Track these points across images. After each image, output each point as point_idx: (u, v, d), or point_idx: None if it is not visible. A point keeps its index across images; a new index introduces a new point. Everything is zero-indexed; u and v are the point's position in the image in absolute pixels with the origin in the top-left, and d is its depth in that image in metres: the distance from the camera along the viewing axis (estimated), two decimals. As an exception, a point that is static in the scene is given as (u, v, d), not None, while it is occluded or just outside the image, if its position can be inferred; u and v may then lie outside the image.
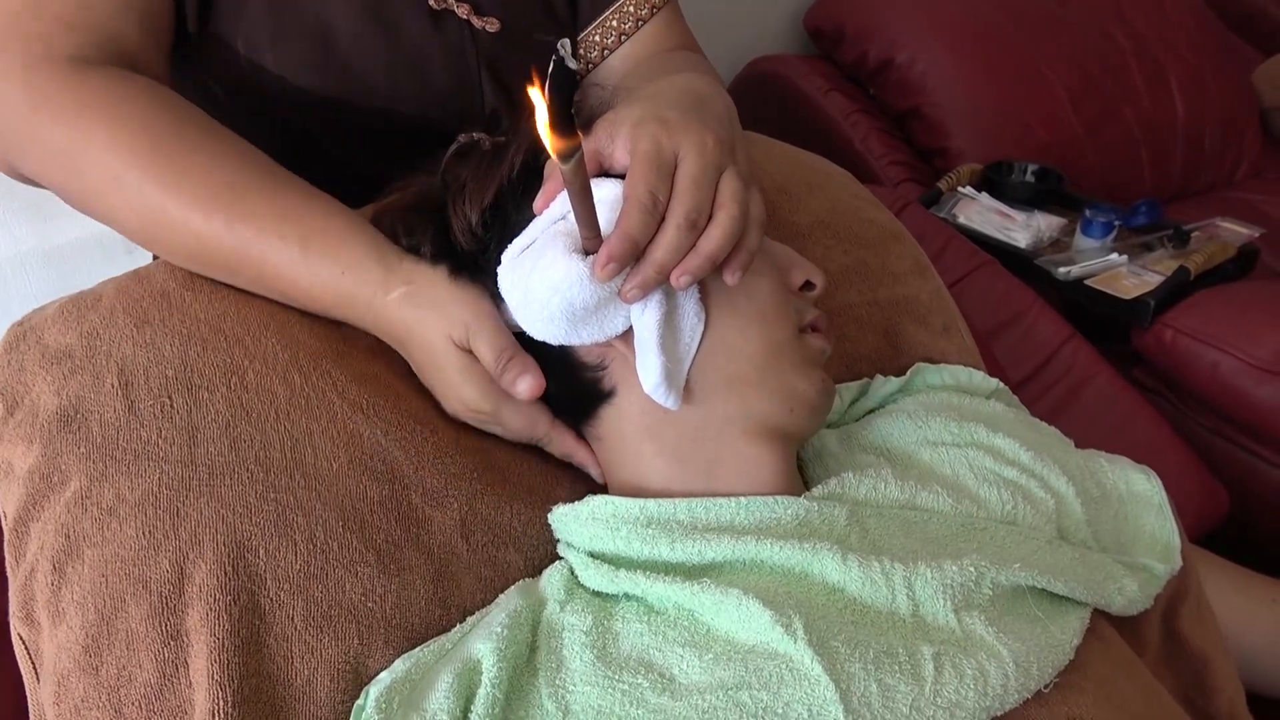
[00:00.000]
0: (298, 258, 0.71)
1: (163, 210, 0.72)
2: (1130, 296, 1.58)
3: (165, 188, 0.71)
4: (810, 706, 0.56)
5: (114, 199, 0.73)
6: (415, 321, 0.71)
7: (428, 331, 0.71)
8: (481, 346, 0.70)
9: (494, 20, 0.93)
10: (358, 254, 0.72)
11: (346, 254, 0.72)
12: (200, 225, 0.71)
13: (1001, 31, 2.06)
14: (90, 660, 0.63)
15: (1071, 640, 0.64)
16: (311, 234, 0.72)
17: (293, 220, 0.72)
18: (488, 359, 0.70)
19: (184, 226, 0.72)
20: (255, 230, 0.71)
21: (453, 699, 0.58)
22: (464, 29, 0.93)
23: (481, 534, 0.72)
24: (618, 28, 1.00)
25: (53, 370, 0.71)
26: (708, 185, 0.65)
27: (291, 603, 0.64)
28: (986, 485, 0.73)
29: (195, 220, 0.71)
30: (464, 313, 0.70)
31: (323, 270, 0.72)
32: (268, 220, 0.71)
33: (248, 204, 0.71)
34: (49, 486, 0.68)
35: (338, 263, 0.72)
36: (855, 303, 0.96)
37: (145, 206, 0.72)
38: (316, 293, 0.73)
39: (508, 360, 0.70)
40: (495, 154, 0.73)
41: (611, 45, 1.01)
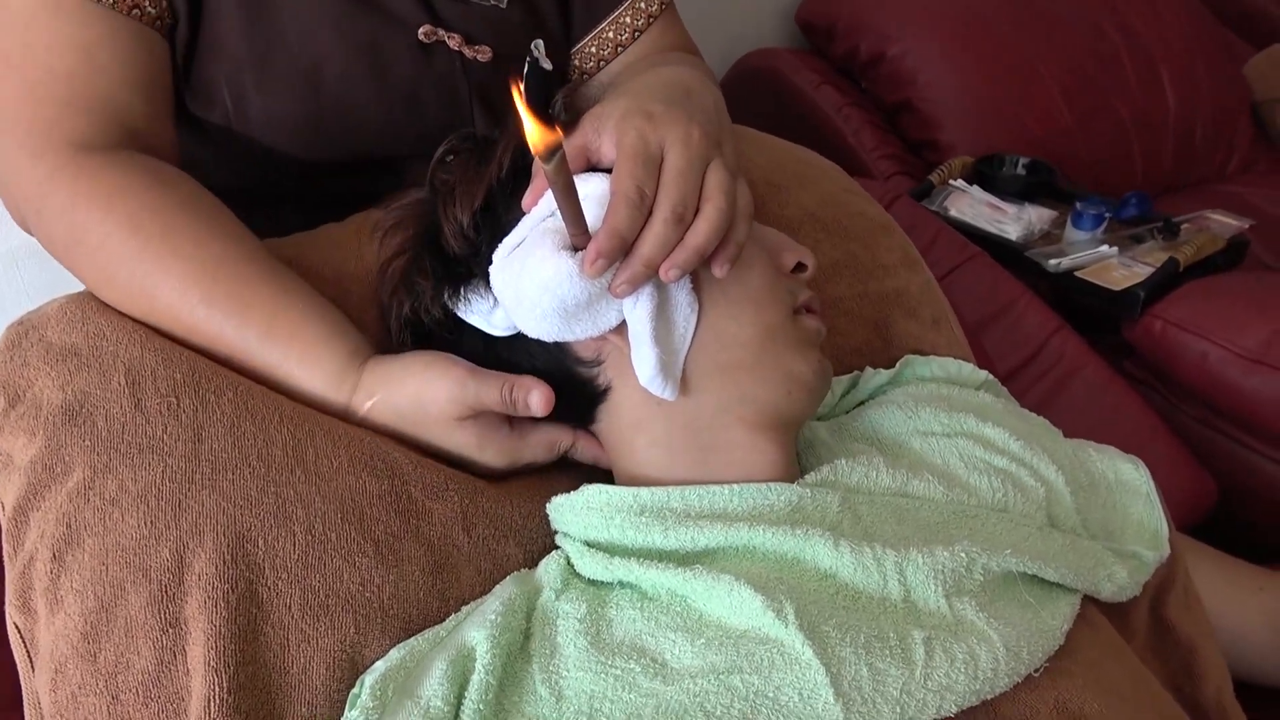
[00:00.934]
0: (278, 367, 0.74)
1: (150, 300, 0.74)
2: (1120, 288, 1.58)
3: (152, 281, 0.73)
4: (801, 690, 0.56)
5: (108, 291, 0.75)
6: (406, 425, 0.73)
7: (426, 432, 0.73)
8: (481, 397, 0.70)
9: (486, 49, 0.92)
10: (334, 367, 0.74)
11: (324, 366, 0.73)
12: (184, 313, 0.73)
13: (993, 25, 2.06)
14: (88, 647, 0.64)
15: (1061, 626, 0.65)
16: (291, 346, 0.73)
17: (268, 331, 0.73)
18: (492, 400, 0.70)
19: (170, 315, 0.73)
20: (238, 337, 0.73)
21: (447, 685, 0.58)
22: (455, 60, 0.92)
23: (483, 526, 0.72)
24: (614, 39, 1.00)
25: (57, 367, 0.71)
26: (694, 178, 0.65)
27: (289, 592, 0.65)
28: (977, 473, 0.73)
29: (180, 309, 0.73)
30: (445, 383, 0.71)
31: (302, 380, 0.74)
32: (250, 328, 0.73)
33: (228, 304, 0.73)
34: (51, 477, 0.68)
35: (319, 376, 0.73)
36: (845, 295, 0.97)
37: (135, 298, 0.74)
38: (293, 385, 0.74)
39: (510, 390, 0.70)
40: (483, 156, 0.73)
41: (608, 56, 1.00)
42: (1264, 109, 2.35)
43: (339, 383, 0.73)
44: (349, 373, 0.74)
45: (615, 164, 0.65)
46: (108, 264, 0.73)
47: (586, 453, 0.76)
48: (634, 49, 1.00)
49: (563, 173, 0.59)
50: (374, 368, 0.74)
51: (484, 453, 0.73)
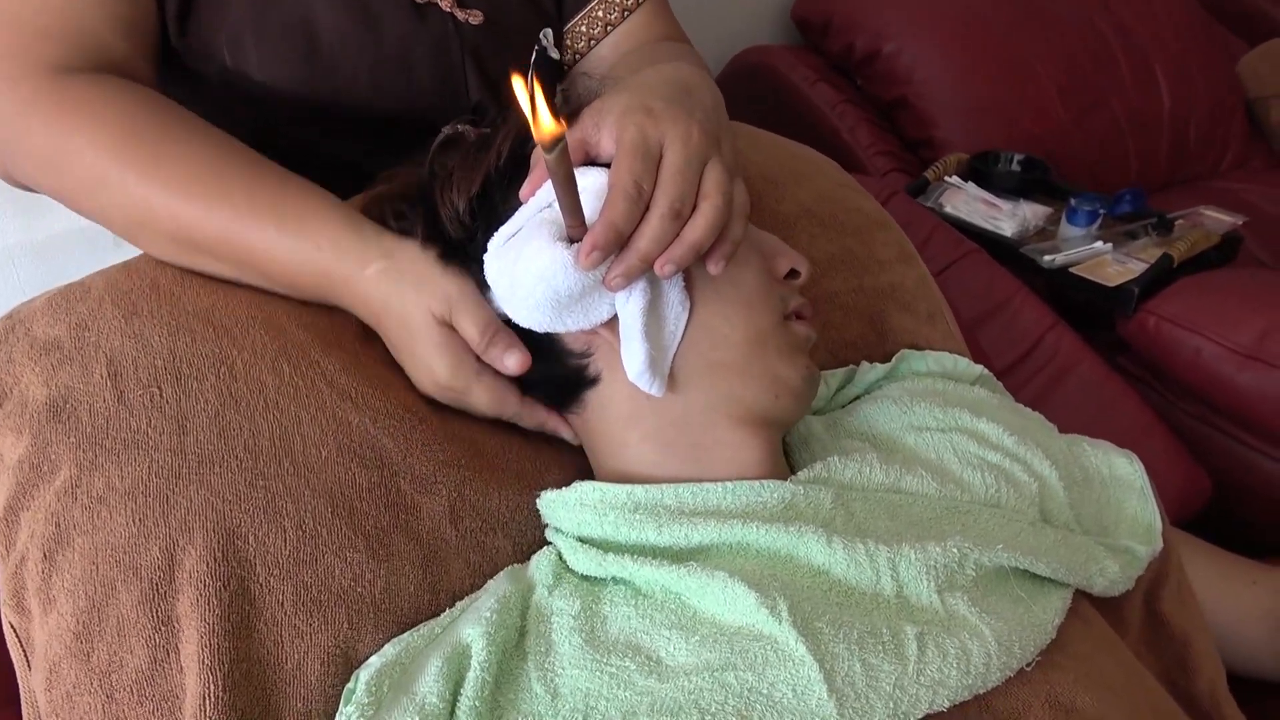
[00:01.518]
0: (275, 236, 0.73)
1: (146, 201, 0.73)
2: (1114, 284, 1.59)
3: (147, 180, 0.72)
4: (795, 686, 0.56)
5: (100, 197, 0.74)
6: (393, 296, 0.72)
7: (406, 305, 0.72)
8: (465, 321, 0.70)
9: (477, 13, 0.93)
10: (334, 230, 0.73)
11: (323, 230, 0.73)
12: (182, 211, 0.72)
13: (988, 22, 2.06)
14: (81, 646, 0.64)
15: (1053, 620, 0.65)
16: (288, 213, 0.73)
17: (270, 201, 0.73)
18: (472, 334, 0.70)
19: (167, 214, 0.73)
20: (233, 212, 0.72)
21: (442, 682, 0.58)
22: (448, 22, 0.92)
23: (470, 520, 0.72)
24: (603, 18, 1.00)
25: (41, 361, 0.71)
26: (692, 175, 0.65)
27: (281, 588, 0.65)
28: (970, 469, 0.74)
29: (177, 207, 0.72)
30: (449, 288, 0.71)
31: (300, 247, 0.73)
32: (246, 202, 0.72)
33: (226, 188, 0.73)
34: (39, 476, 0.68)
35: (314, 239, 0.72)
36: (841, 290, 0.97)
37: (129, 200, 0.73)
38: (294, 270, 0.74)
39: (493, 334, 0.70)
40: (482, 143, 0.73)
41: (598, 36, 1.01)
42: (1258, 106, 2.35)
43: (358, 230, 0.73)
44: (366, 227, 0.73)
45: (615, 158, 0.65)
46: (96, 170, 0.73)
47: (531, 421, 0.75)
48: (623, 29, 1.01)
49: (564, 164, 0.59)
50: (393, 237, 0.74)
51: (434, 361, 0.72)
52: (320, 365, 0.74)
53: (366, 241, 0.73)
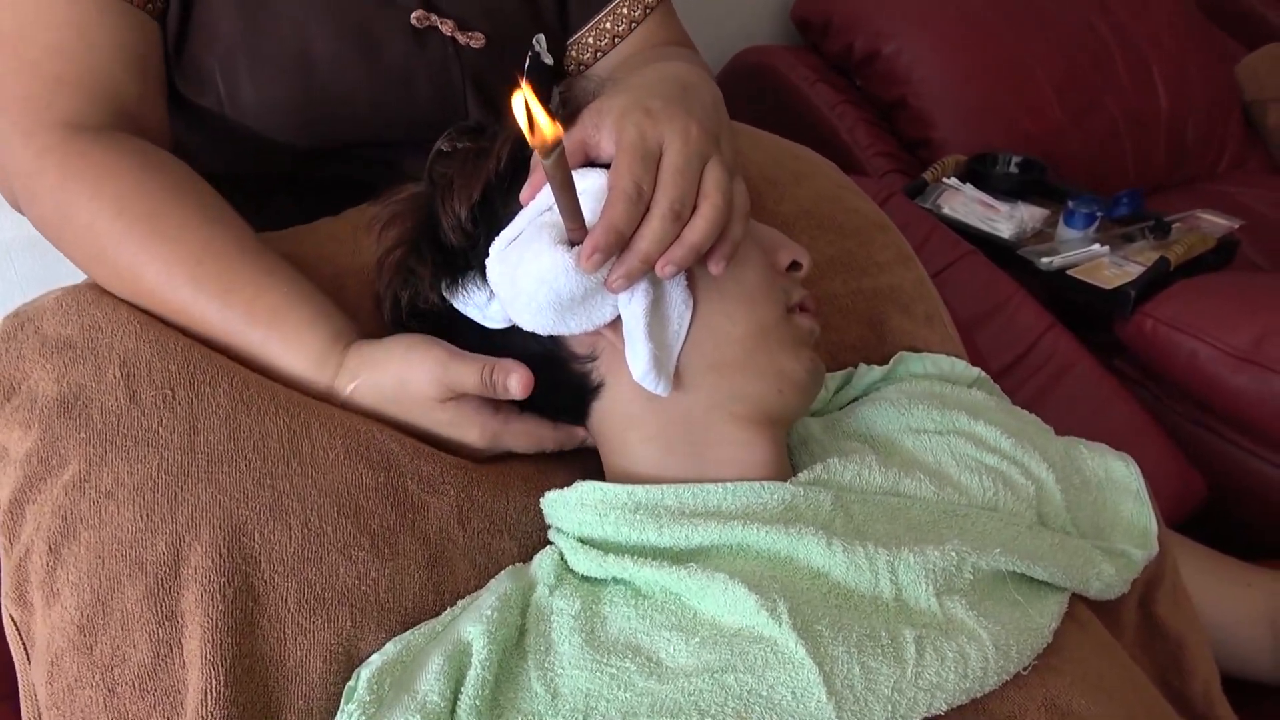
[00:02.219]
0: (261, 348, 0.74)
1: (135, 283, 0.74)
2: (1111, 286, 1.59)
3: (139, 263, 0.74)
4: (794, 689, 0.57)
5: (97, 271, 0.76)
6: (388, 406, 0.74)
7: (408, 413, 0.73)
8: (461, 379, 0.71)
9: (479, 35, 0.92)
10: (317, 348, 0.74)
11: (307, 348, 0.74)
12: (170, 294, 0.74)
13: (987, 23, 2.06)
14: (85, 640, 0.64)
15: (1050, 624, 0.65)
16: (274, 328, 0.74)
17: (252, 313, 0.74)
18: (472, 384, 0.70)
19: (157, 298, 0.74)
20: (221, 319, 0.74)
21: (443, 681, 0.58)
22: (448, 46, 0.92)
23: (478, 520, 0.72)
24: (610, 29, 1.00)
25: (53, 359, 0.71)
26: (692, 175, 0.65)
27: (285, 585, 0.65)
28: (968, 472, 0.74)
29: (166, 292, 0.74)
30: (427, 365, 0.71)
31: (285, 362, 0.74)
32: (233, 309, 0.74)
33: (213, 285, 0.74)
34: (47, 470, 0.68)
35: (302, 358, 0.74)
36: (839, 292, 0.97)
37: (122, 280, 0.75)
38: (279, 369, 0.75)
39: (490, 372, 0.70)
40: (481, 150, 0.73)
41: (605, 47, 1.00)
42: (1255, 109, 2.35)
43: (322, 364, 0.74)
44: (332, 355, 0.74)
45: (614, 160, 0.65)
46: (95, 244, 0.74)
47: (572, 444, 0.76)
48: (630, 40, 1.00)
49: (561, 167, 0.59)
50: (357, 351, 0.74)
51: (464, 433, 0.73)
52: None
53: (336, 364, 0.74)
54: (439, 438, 0.74)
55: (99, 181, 0.74)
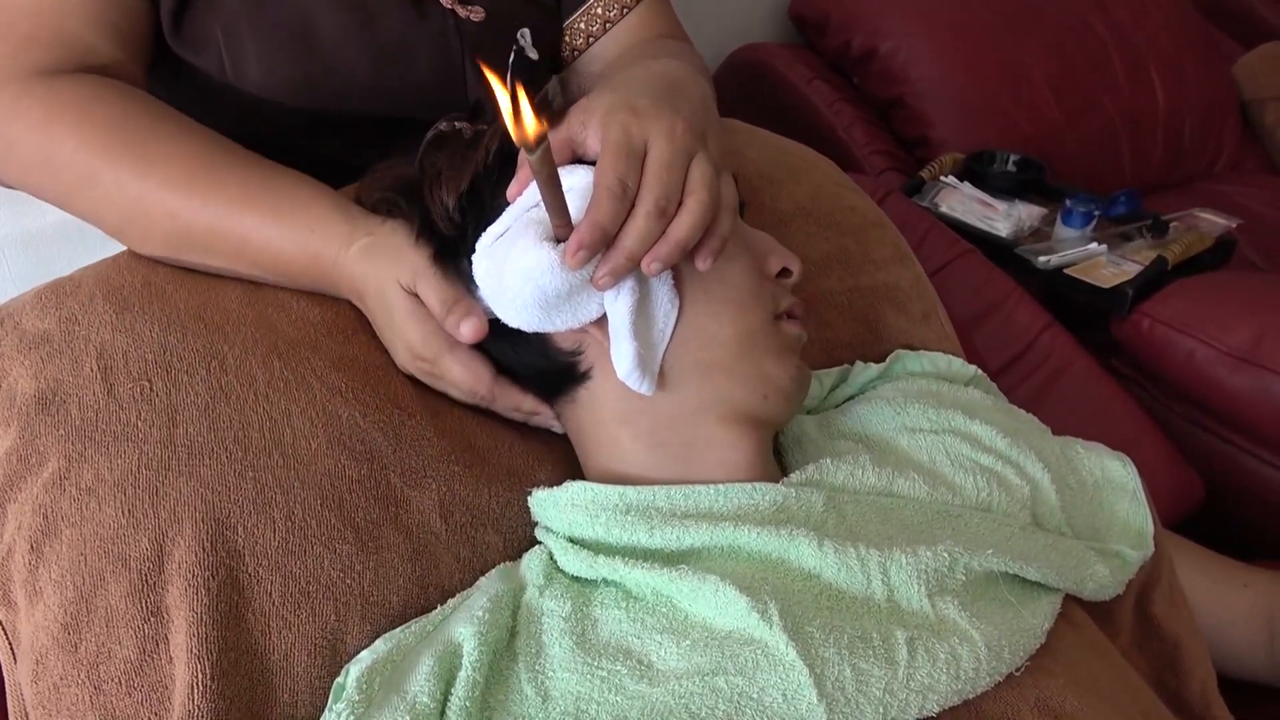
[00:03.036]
0: (269, 223, 0.74)
1: (139, 197, 0.74)
2: (1109, 286, 1.59)
3: (139, 176, 0.73)
4: (785, 691, 0.56)
5: (92, 195, 0.75)
6: (371, 270, 0.73)
7: (382, 278, 0.73)
8: (428, 292, 0.71)
9: (479, 9, 0.92)
10: (324, 213, 0.74)
11: (314, 214, 0.74)
12: (176, 204, 0.74)
13: (984, 22, 2.07)
14: (69, 638, 0.64)
15: (1043, 625, 0.65)
16: (281, 201, 0.74)
17: (262, 190, 0.75)
18: (433, 303, 0.71)
19: (161, 208, 0.74)
20: (227, 202, 0.74)
21: (433, 681, 0.58)
22: (448, 19, 0.92)
23: (460, 514, 0.72)
24: (602, 15, 1.00)
25: (30, 355, 0.71)
26: (677, 171, 0.65)
27: (270, 579, 0.65)
28: (962, 472, 0.74)
29: (171, 201, 0.74)
30: (416, 260, 0.72)
31: (292, 232, 0.74)
32: (239, 193, 0.74)
33: (219, 180, 0.74)
34: (26, 468, 0.68)
35: (306, 222, 0.74)
36: (836, 290, 0.97)
37: (122, 197, 0.74)
38: (288, 255, 0.75)
39: (453, 304, 0.70)
40: (472, 141, 0.73)
41: (596, 33, 1.00)
42: (1253, 108, 2.35)
43: (349, 215, 0.75)
44: (355, 210, 0.75)
45: (599, 157, 0.65)
46: (87, 170, 0.74)
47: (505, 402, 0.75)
48: (622, 27, 1.00)
49: (547, 164, 0.58)
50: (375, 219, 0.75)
51: (410, 329, 0.73)
52: (310, 361, 0.74)
53: (354, 223, 0.74)
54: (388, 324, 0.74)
55: (82, 111, 0.74)
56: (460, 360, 0.73)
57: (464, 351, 0.73)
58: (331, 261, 0.74)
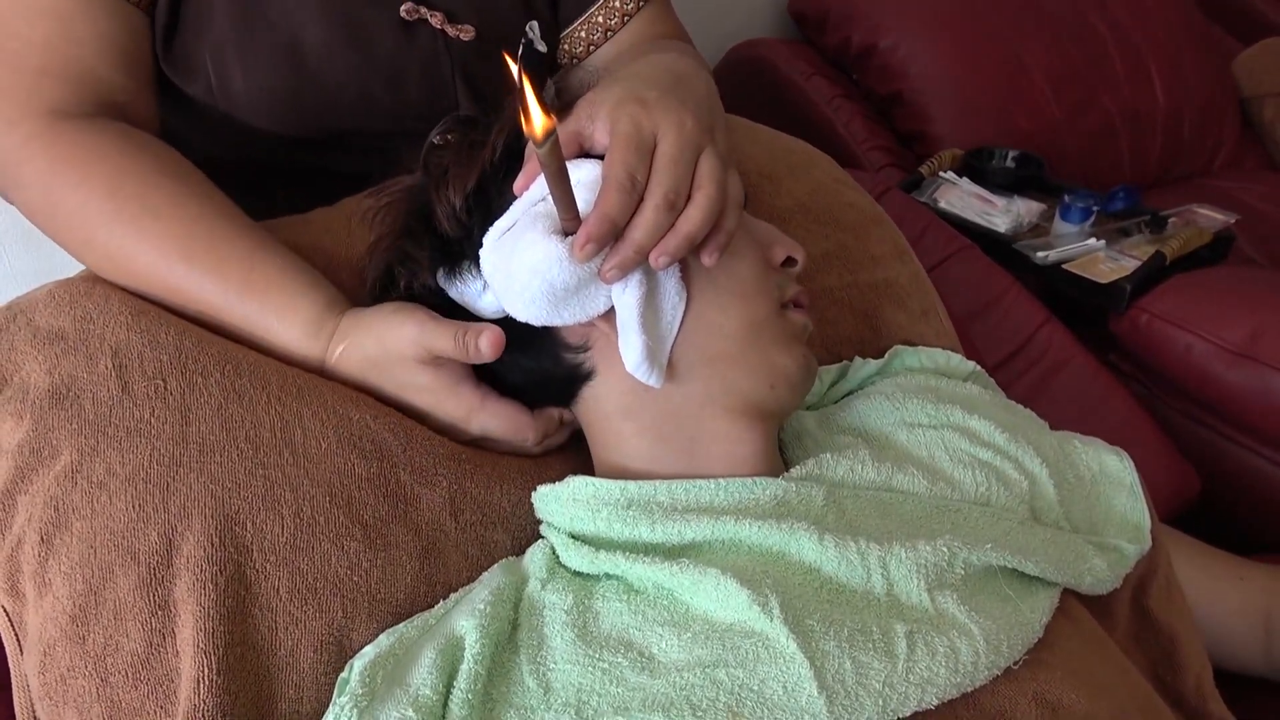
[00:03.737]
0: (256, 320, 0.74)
1: (129, 264, 0.75)
2: (1107, 281, 1.59)
3: (132, 243, 0.74)
4: (785, 683, 0.57)
5: (89, 255, 0.76)
6: (371, 369, 0.74)
7: (390, 373, 0.73)
8: (436, 340, 0.70)
9: (469, 28, 0.92)
10: (311, 316, 0.74)
11: (301, 316, 0.74)
12: (174, 281, 0.74)
13: (983, 18, 2.07)
14: (77, 630, 0.64)
15: (1041, 619, 0.66)
16: (269, 298, 0.74)
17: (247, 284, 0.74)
18: (447, 346, 0.70)
19: (162, 284, 0.75)
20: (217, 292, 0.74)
21: (436, 674, 0.58)
22: (438, 39, 0.92)
23: (470, 513, 0.72)
24: (604, 23, 0.99)
25: (44, 351, 0.71)
26: (686, 165, 0.65)
27: (277, 574, 0.65)
28: (961, 467, 0.74)
29: (160, 271, 0.74)
30: (408, 327, 0.71)
31: (279, 333, 0.74)
32: (228, 282, 0.74)
33: (206, 260, 0.74)
34: (39, 460, 0.68)
35: (296, 327, 0.74)
36: (835, 286, 0.97)
37: (115, 262, 0.75)
38: (278, 349, 0.75)
39: (463, 334, 0.70)
40: (477, 140, 0.73)
41: (598, 41, 1.00)
42: (1251, 105, 2.36)
43: (316, 332, 0.74)
44: (326, 321, 0.74)
45: (608, 150, 0.65)
46: (86, 227, 0.74)
47: (554, 439, 0.76)
48: (623, 34, 1.00)
49: (556, 157, 0.59)
50: (349, 317, 0.75)
51: (442, 400, 0.73)
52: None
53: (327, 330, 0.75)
54: (419, 408, 0.74)
55: (87, 165, 0.74)
56: (495, 414, 0.74)
57: (495, 404, 0.74)
58: (320, 366, 0.75)
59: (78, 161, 0.74)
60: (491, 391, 0.74)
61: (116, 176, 0.74)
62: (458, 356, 0.71)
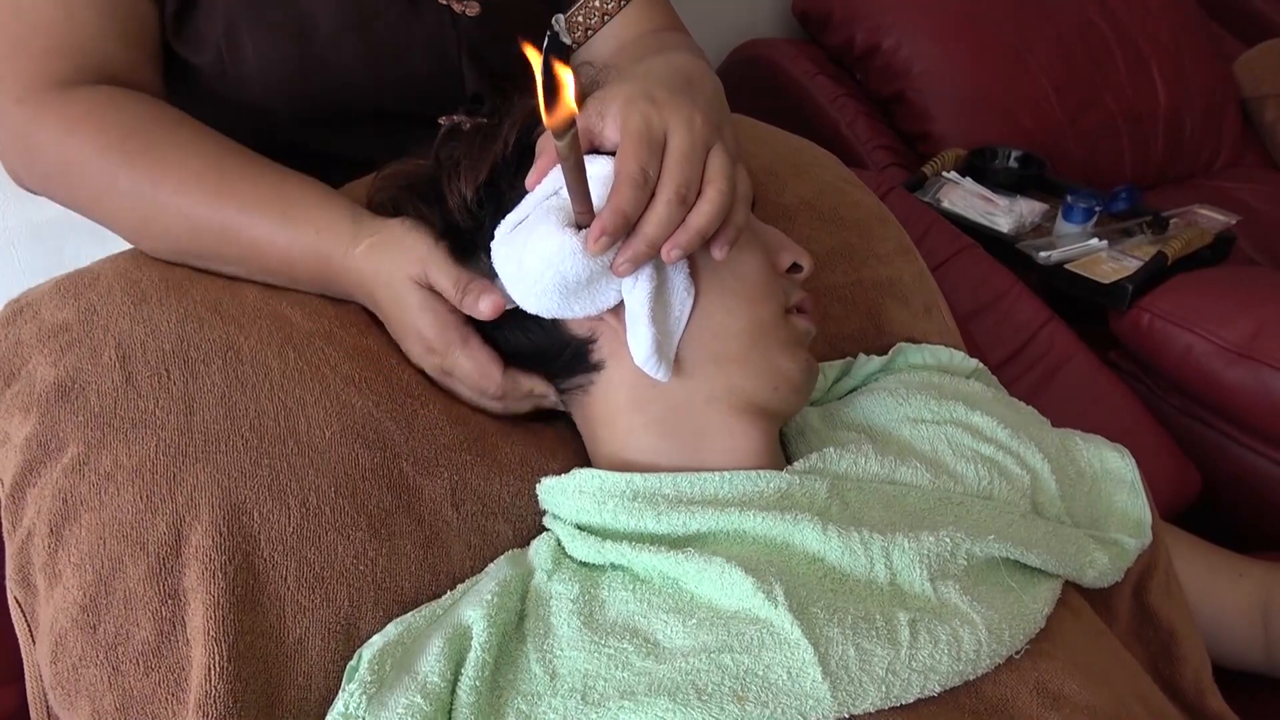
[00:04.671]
0: (278, 226, 0.75)
1: (154, 200, 0.75)
2: (1108, 281, 1.59)
3: (153, 181, 0.75)
4: (790, 669, 0.57)
5: (110, 201, 0.77)
6: (381, 266, 0.74)
7: (392, 272, 0.74)
8: (439, 277, 0.72)
9: (474, 4, 0.93)
10: (331, 215, 0.75)
11: (321, 216, 0.75)
12: (189, 207, 0.75)
13: (987, 18, 2.07)
14: (88, 620, 0.65)
15: (1043, 609, 0.66)
16: (290, 204, 0.76)
17: (271, 194, 0.76)
18: (446, 286, 0.71)
19: (175, 211, 0.75)
20: (238, 205, 0.75)
21: (444, 662, 0.59)
22: (444, 14, 0.93)
23: (471, 503, 0.73)
24: (600, 7, 1.00)
25: (49, 343, 0.72)
26: (696, 161, 0.66)
27: (285, 564, 0.66)
28: (964, 461, 0.75)
29: (184, 205, 0.75)
30: (424, 250, 0.72)
31: (301, 234, 0.75)
32: (249, 196, 0.75)
33: (230, 184, 0.75)
34: (46, 454, 0.69)
35: (312, 224, 0.75)
36: (840, 283, 0.98)
37: (138, 202, 0.76)
38: (296, 256, 0.76)
39: (466, 284, 0.71)
40: (488, 132, 0.74)
41: (595, 25, 1.01)
42: (1253, 105, 2.36)
43: (355, 218, 0.76)
44: (361, 212, 0.76)
45: (620, 146, 0.66)
46: (105, 173, 0.75)
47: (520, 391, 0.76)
48: (620, 19, 1.00)
49: (574, 150, 0.59)
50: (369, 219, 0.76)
51: (423, 321, 0.73)
52: (324, 352, 0.75)
53: (359, 222, 0.75)
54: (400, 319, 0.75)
55: (102, 116, 0.76)
56: (471, 355, 0.74)
57: (476, 347, 0.74)
58: (340, 262, 0.75)
59: (93, 116, 0.76)
60: (475, 334, 0.74)
61: (131, 124, 0.76)
62: (452, 299, 0.72)
